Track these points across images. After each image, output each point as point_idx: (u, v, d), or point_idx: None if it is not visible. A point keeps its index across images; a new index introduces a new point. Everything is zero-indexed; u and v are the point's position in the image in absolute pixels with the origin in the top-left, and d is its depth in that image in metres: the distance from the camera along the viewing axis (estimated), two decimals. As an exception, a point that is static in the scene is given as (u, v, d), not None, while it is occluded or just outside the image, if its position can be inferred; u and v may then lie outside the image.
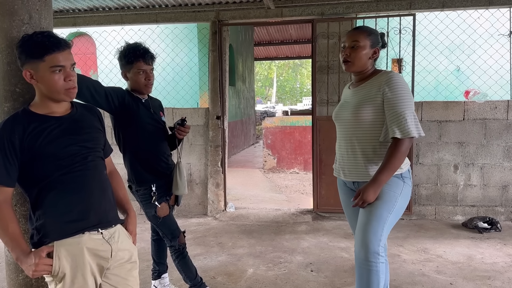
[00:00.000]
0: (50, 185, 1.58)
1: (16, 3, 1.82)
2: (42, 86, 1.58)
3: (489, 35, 5.58)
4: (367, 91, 2.15)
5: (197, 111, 5.13)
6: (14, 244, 1.53)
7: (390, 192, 2.11)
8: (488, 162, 4.62)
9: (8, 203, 1.56)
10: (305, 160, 7.93)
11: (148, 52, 2.51)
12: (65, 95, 1.59)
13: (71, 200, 1.60)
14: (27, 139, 1.55)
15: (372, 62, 2.23)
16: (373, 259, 2.06)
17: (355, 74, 2.26)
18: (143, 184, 2.57)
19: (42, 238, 1.57)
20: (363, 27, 2.28)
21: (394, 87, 2.06)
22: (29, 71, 1.56)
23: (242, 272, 3.38)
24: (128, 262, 1.73)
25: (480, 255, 3.65)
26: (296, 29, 11.54)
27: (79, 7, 4.99)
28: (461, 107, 4.62)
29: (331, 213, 4.84)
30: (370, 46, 2.17)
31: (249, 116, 13.16)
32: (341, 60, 2.23)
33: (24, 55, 1.56)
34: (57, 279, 1.57)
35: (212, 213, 5.07)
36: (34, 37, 1.57)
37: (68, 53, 1.59)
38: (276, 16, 4.82)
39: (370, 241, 2.07)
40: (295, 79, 37.62)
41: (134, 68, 2.48)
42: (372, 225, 2.08)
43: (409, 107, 2.04)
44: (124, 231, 1.77)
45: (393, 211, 2.11)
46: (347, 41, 2.19)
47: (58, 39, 1.58)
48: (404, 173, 2.16)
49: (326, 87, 4.85)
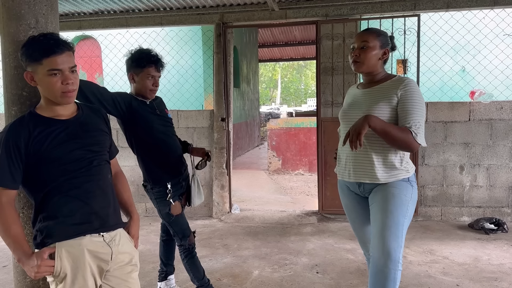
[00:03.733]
0: (55, 190, 1.60)
1: (23, 8, 1.84)
2: (41, 88, 1.60)
3: (495, 35, 5.54)
4: (383, 92, 2.12)
5: (202, 113, 5.14)
6: (16, 246, 1.55)
7: (401, 196, 2.08)
8: (494, 163, 4.59)
9: (11, 205, 1.57)
10: (310, 162, 7.92)
11: (160, 60, 2.58)
12: (62, 98, 1.59)
13: (75, 205, 1.61)
14: (32, 143, 1.56)
15: (382, 64, 2.21)
16: (393, 266, 2.02)
17: (365, 75, 2.24)
18: (158, 183, 2.61)
19: (45, 239, 1.59)
20: (373, 28, 2.28)
21: (411, 93, 2.05)
22: (30, 73, 1.58)
23: (248, 274, 3.38)
24: (129, 264, 1.75)
25: (486, 257, 3.63)
26: (300, 31, 11.54)
27: (84, 11, 5.02)
28: (467, 107, 4.60)
29: (336, 215, 4.83)
30: (380, 47, 2.16)
31: (253, 117, 13.18)
32: (350, 61, 2.22)
33: (25, 57, 1.58)
34: (58, 280, 1.59)
35: (217, 215, 5.07)
36: (35, 39, 1.58)
37: (67, 56, 1.57)
38: (280, 18, 4.83)
39: (393, 248, 2.01)
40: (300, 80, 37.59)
41: (144, 73, 2.53)
42: (391, 231, 2.03)
43: (422, 116, 2.05)
44: (126, 235, 1.78)
45: (407, 215, 2.09)
46: (356, 42, 2.19)
47: (58, 41, 1.57)
48: (411, 177, 2.14)
49: (331, 89, 4.85)
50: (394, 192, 2.07)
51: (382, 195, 2.10)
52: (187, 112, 5.17)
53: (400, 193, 2.08)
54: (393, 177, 2.11)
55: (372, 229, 2.13)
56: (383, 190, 2.11)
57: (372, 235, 2.12)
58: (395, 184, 2.10)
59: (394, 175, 2.11)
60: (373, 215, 2.14)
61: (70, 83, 1.58)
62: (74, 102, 1.71)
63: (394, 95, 2.08)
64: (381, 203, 2.09)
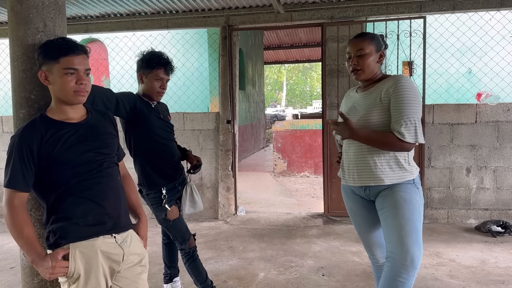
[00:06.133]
0: (68, 191, 1.62)
1: (31, 12, 1.86)
2: (54, 87, 1.63)
3: (501, 36, 5.52)
4: (376, 95, 2.12)
5: (208, 116, 5.16)
6: (29, 248, 1.56)
7: (413, 200, 2.06)
8: (501, 165, 4.57)
9: (23, 207, 1.59)
10: (316, 164, 7.90)
11: (170, 63, 2.61)
12: (74, 97, 1.62)
13: (88, 206, 1.64)
14: (44, 146, 1.59)
15: (380, 66, 2.21)
16: (413, 273, 2.00)
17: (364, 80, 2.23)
18: (153, 187, 2.61)
19: (58, 240, 1.61)
20: (364, 33, 2.24)
21: (401, 89, 2.03)
22: (44, 72, 1.62)
23: (253, 276, 3.38)
24: (138, 265, 1.76)
25: (493, 259, 3.61)
26: (306, 33, 11.54)
27: (91, 14, 5.06)
28: (473, 109, 4.58)
29: (342, 217, 4.82)
30: (376, 51, 2.15)
31: (259, 119, 13.18)
32: (349, 71, 2.21)
33: (42, 56, 1.62)
34: (71, 280, 1.61)
35: (223, 217, 5.08)
36: (54, 41, 1.65)
37: (83, 58, 1.63)
38: (286, 20, 4.84)
39: (416, 256, 1.99)
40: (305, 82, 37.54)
41: (153, 74, 2.55)
42: (413, 238, 2.00)
43: (413, 111, 2.00)
44: (136, 236, 1.80)
45: (420, 220, 2.08)
46: (351, 50, 2.17)
47: (76, 44, 1.63)
48: (415, 179, 2.13)
49: (336, 91, 4.85)
50: (405, 196, 2.06)
51: (393, 200, 2.07)
52: (193, 114, 5.19)
53: (411, 198, 2.07)
54: (398, 178, 2.09)
55: (388, 236, 2.08)
56: (392, 194, 2.09)
57: (390, 242, 2.07)
58: (402, 188, 2.08)
59: (399, 177, 2.09)
60: (386, 220, 2.09)
61: (83, 84, 1.62)
62: (84, 106, 1.74)
63: (386, 93, 2.07)
64: (395, 209, 2.06)
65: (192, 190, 2.73)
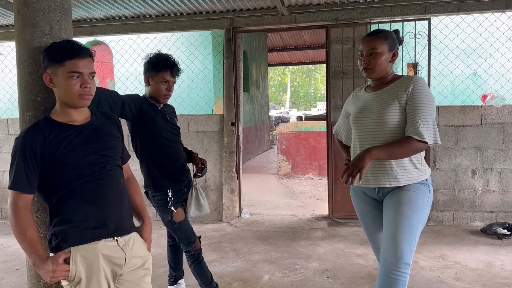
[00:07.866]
0: (70, 194, 1.62)
1: (38, 15, 1.87)
2: (58, 90, 1.63)
3: (507, 38, 5.49)
4: (392, 94, 2.10)
5: (212, 118, 5.17)
6: (31, 250, 1.56)
7: (418, 200, 2.07)
8: (507, 167, 4.54)
9: (28, 209, 1.60)
10: (320, 166, 7.89)
11: (176, 65, 2.61)
12: (78, 100, 1.63)
13: (90, 209, 1.64)
14: (47, 148, 1.59)
15: (391, 65, 2.19)
16: (404, 270, 2.01)
17: (375, 78, 2.22)
18: (159, 189, 2.61)
19: (60, 243, 1.61)
20: (378, 31, 2.21)
21: (419, 91, 2.04)
22: (49, 75, 1.63)
23: (258, 279, 3.38)
24: (141, 268, 1.76)
25: (499, 262, 3.58)
26: (310, 35, 11.53)
27: (96, 16, 5.08)
28: (479, 111, 4.56)
29: (347, 219, 4.81)
30: (389, 50, 2.14)
31: (263, 121, 13.17)
32: (360, 68, 2.19)
33: (47, 59, 1.63)
34: (73, 284, 1.61)
35: (227, 219, 5.08)
36: (59, 43, 1.65)
37: (89, 62, 1.64)
38: (290, 22, 4.84)
39: (405, 252, 2.01)
40: (309, 84, 37.50)
41: (159, 76, 2.55)
42: (405, 235, 2.02)
43: (430, 113, 2.02)
44: (139, 239, 1.80)
45: (422, 220, 2.08)
46: (364, 48, 2.15)
47: (81, 47, 1.63)
48: (428, 179, 2.13)
49: (341, 92, 4.84)
50: (412, 196, 2.06)
51: (398, 198, 2.08)
52: (197, 116, 5.20)
53: (417, 198, 2.07)
54: (413, 178, 2.09)
55: (385, 232, 2.11)
56: (399, 193, 2.09)
57: (384, 238, 2.10)
58: (412, 188, 2.09)
59: (413, 177, 2.09)
60: (386, 216, 2.11)
61: (88, 87, 1.62)
62: (88, 108, 1.74)
63: (404, 93, 2.06)
64: (397, 206, 2.07)
65: (198, 193, 2.72)
